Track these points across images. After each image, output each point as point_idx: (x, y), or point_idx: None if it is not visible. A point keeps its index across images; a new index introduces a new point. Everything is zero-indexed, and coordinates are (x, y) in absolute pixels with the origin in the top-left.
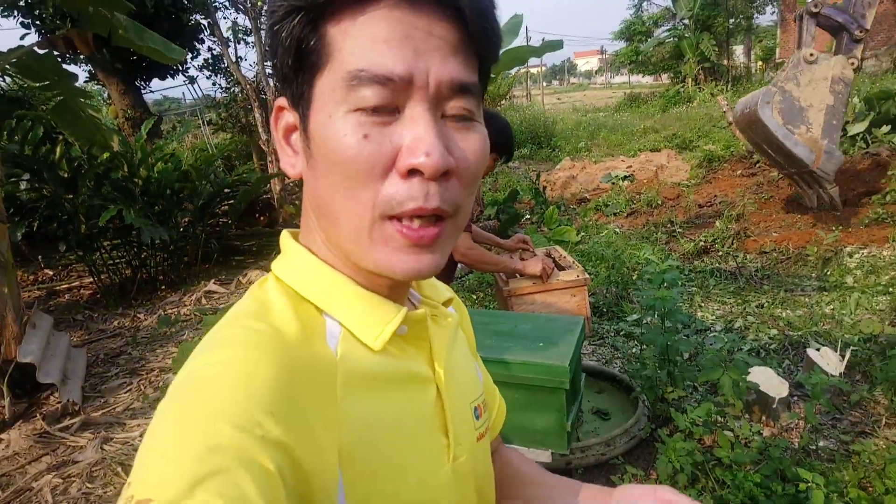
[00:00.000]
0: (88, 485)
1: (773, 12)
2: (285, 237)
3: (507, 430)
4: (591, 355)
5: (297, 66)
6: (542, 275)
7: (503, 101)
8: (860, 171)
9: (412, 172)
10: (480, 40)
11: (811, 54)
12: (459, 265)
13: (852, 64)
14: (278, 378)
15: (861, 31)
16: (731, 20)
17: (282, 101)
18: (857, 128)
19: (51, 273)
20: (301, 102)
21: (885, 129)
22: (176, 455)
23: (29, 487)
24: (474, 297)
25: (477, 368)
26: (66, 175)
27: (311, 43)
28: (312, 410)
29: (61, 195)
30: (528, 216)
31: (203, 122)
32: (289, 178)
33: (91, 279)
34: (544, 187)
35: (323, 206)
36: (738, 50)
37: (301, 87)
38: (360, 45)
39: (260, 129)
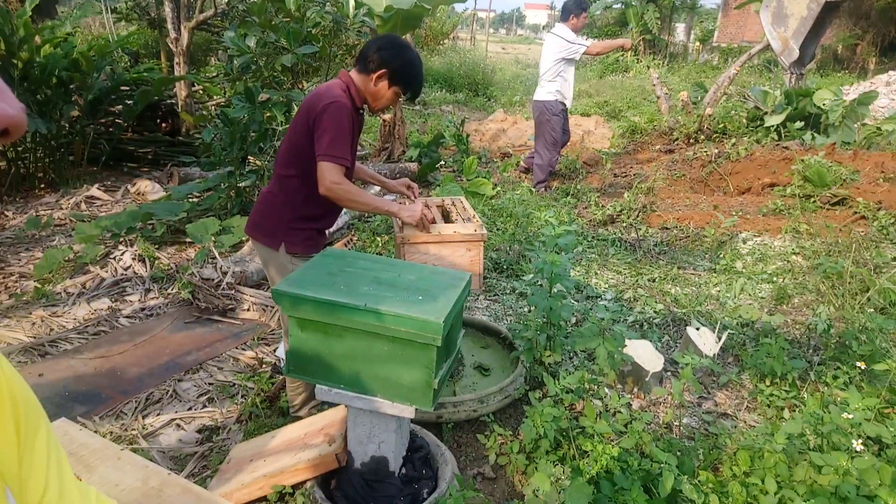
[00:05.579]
0: None
1: None
2: None
3: (372, 381)
4: (484, 310)
5: None
6: (418, 223)
7: (446, 41)
8: (768, 162)
9: None
10: None
11: None
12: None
13: None
14: None
15: None
16: None
17: None
18: (774, 119)
19: None
20: None
21: (799, 124)
22: None
23: None
24: (379, 240)
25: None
26: None
27: None
28: None
29: None
30: (446, 163)
31: (106, 9)
32: (198, 85)
33: None
34: (467, 135)
35: None
36: (680, 28)
37: None
38: None
39: (169, 26)
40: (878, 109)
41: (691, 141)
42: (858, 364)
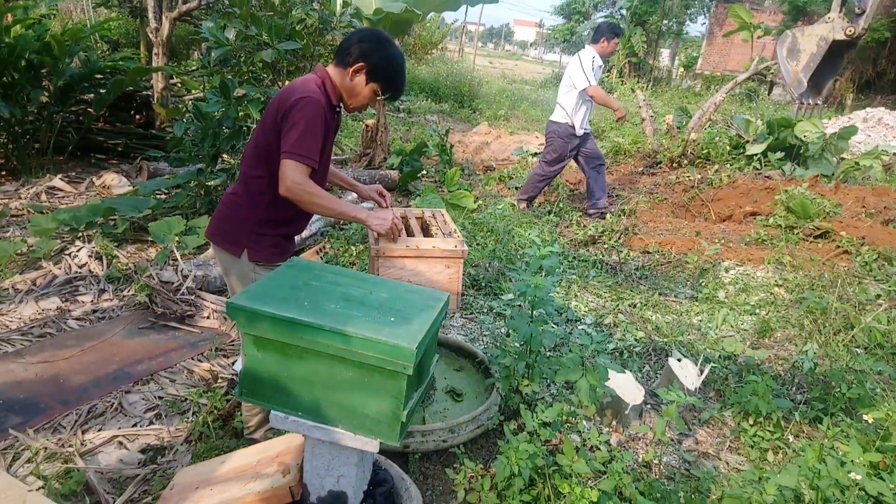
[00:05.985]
0: None
1: (704, 24)
2: None
3: (333, 410)
4: (460, 329)
5: None
6: (387, 232)
7: (434, 51)
8: (750, 190)
9: None
10: None
11: (829, 17)
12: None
13: (850, 32)
14: None
15: (859, 9)
16: (665, 21)
17: None
18: (756, 149)
19: None
20: None
21: (779, 154)
22: None
23: None
24: (354, 250)
25: None
26: None
27: None
28: None
29: None
30: (427, 173)
31: None
32: (176, 78)
33: None
34: (451, 146)
35: None
36: (665, 53)
37: None
38: None
39: (150, 15)
40: (855, 144)
41: (675, 165)
42: (866, 417)
